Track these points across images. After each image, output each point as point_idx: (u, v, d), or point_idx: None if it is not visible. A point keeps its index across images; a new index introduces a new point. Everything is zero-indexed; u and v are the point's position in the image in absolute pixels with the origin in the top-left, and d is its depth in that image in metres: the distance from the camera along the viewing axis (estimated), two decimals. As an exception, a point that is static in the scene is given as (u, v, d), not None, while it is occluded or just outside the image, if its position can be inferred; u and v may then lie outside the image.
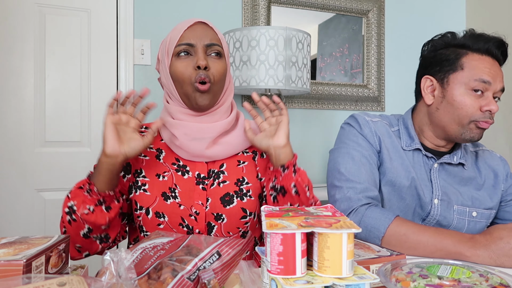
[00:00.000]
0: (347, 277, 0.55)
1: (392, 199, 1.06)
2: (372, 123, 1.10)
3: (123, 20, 1.92)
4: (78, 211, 0.83)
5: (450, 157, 1.08)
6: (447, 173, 1.09)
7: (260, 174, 0.99)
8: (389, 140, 1.09)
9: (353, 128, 1.11)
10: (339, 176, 1.04)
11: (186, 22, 0.92)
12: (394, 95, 2.46)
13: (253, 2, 2.12)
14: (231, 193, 0.93)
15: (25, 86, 1.82)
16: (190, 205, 0.91)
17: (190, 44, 0.89)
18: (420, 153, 1.09)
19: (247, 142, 0.98)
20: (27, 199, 1.82)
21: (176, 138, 0.92)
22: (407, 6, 2.49)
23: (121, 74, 1.93)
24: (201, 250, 0.57)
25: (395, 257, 0.72)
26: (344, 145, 1.09)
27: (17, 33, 1.81)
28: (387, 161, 1.06)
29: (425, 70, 1.09)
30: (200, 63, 0.87)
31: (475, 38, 1.03)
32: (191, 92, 0.90)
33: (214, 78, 0.90)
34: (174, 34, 0.92)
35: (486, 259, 0.83)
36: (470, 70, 1.00)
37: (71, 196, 0.85)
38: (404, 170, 1.06)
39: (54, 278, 0.51)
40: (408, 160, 1.07)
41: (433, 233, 0.90)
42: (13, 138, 1.81)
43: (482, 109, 1.00)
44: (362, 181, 1.02)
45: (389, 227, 0.93)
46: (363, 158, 1.05)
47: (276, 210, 0.68)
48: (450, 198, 1.06)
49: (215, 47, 0.91)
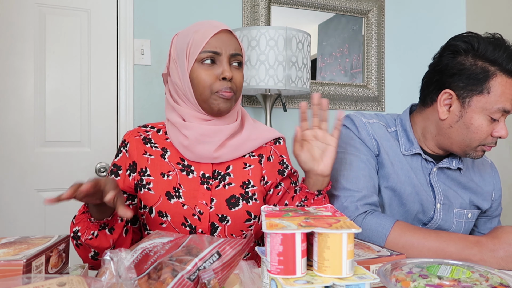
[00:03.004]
0: (347, 277, 0.55)
1: (393, 204, 1.04)
2: (369, 125, 1.06)
3: (123, 20, 1.92)
4: (83, 236, 0.85)
5: (448, 162, 1.06)
6: (445, 176, 1.07)
7: (266, 177, 0.99)
8: (387, 143, 1.05)
9: (349, 131, 1.07)
10: (336, 185, 1.01)
11: (210, 27, 0.91)
12: (394, 95, 2.46)
13: (253, 2, 2.12)
14: (237, 196, 0.93)
15: (25, 86, 1.82)
16: (193, 205, 0.91)
17: (217, 53, 0.90)
18: (419, 157, 1.05)
19: (252, 144, 0.98)
20: (27, 199, 1.82)
21: (185, 139, 0.92)
22: (407, 6, 2.49)
23: (121, 74, 1.93)
24: (201, 250, 0.57)
25: (395, 257, 0.72)
26: (342, 150, 1.05)
27: (17, 33, 1.81)
28: (388, 166, 1.03)
29: (444, 78, 0.98)
30: (226, 74, 0.89)
31: (509, 56, 0.92)
32: (212, 99, 0.91)
33: (236, 87, 0.92)
34: (198, 38, 0.90)
35: (494, 265, 0.81)
36: (495, 96, 0.93)
37: (76, 221, 0.87)
38: (405, 176, 1.02)
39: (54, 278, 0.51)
40: (408, 165, 1.04)
41: (434, 241, 0.87)
42: (13, 138, 1.80)
43: (493, 134, 0.96)
44: (360, 188, 0.98)
45: (387, 239, 0.90)
46: (361, 163, 1.01)
47: (276, 210, 0.68)
48: (451, 201, 1.05)
49: (238, 57, 0.93)
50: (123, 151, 0.97)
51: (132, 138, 0.97)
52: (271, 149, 1.03)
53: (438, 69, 1.01)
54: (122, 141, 0.99)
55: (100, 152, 1.92)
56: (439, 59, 1.02)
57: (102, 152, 1.92)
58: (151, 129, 1.01)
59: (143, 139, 0.97)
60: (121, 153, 0.97)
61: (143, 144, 0.97)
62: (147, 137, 0.98)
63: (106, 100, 1.93)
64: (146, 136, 0.98)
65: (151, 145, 0.97)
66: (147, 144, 0.97)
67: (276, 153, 1.03)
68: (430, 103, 1.03)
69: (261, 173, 0.98)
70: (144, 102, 1.97)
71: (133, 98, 1.94)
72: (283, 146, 1.06)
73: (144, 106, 1.97)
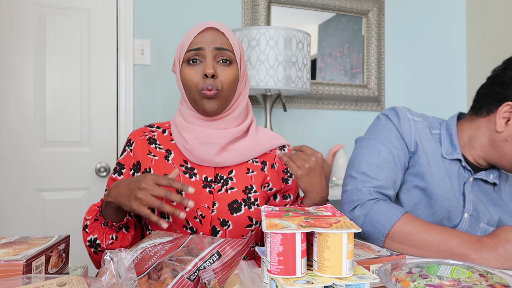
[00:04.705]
0: (347, 277, 0.55)
1: (420, 204, 1.02)
2: (413, 122, 1.03)
3: (123, 20, 1.92)
4: (103, 243, 0.85)
5: (486, 174, 1.03)
6: (480, 189, 1.04)
7: (271, 184, 0.99)
8: (428, 144, 1.03)
9: (390, 122, 1.04)
10: (358, 168, 0.99)
11: (197, 27, 0.91)
12: (394, 95, 2.46)
13: (253, 2, 2.12)
14: (239, 201, 0.92)
15: (25, 86, 1.82)
16: (195, 208, 0.91)
17: (199, 48, 0.89)
18: (457, 164, 1.03)
19: (257, 151, 0.98)
20: (27, 199, 1.82)
21: (186, 142, 0.92)
22: (407, 6, 2.49)
23: (121, 74, 1.93)
24: (201, 250, 0.57)
25: (395, 257, 0.72)
26: (374, 137, 1.03)
27: (17, 33, 1.81)
28: (424, 165, 1.01)
29: (507, 91, 0.96)
30: (207, 71, 0.87)
31: None
32: (198, 99, 0.90)
33: (222, 86, 0.89)
34: (185, 39, 0.91)
35: (493, 262, 0.81)
36: None
37: (89, 231, 0.87)
38: (440, 179, 1.01)
39: (54, 278, 0.51)
40: (444, 168, 1.02)
41: (439, 233, 0.87)
42: (13, 138, 1.81)
43: None
44: (380, 178, 0.97)
45: (395, 224, 0.90)
46: (390, 156, 0.99)
47: (276, 210, 0.68)
48: (479, 215, 1.03)
49: (225, 52, 0.90)
50: (128, 150, 0.98)
51: (138, 138, 0.98)
52: (275, 156, 1.02)
53: (501, 81, 0.99)
54: (127, 140, 0.99)
55: (100, 152, 1.92)
56: (503, 71, 1.00)
57: (102, 152, 1.92)
58: (156, 129, 1.01)
59: (148, 139, 0.98)
60: (125, 152, 0.98)
61: (148, 144, 0.97)
62: (152, 138, 0.98)
63: (106, 100, 1.93)
64: (151, 137, 0.99)
65: (155, 146, 0.97)
66: (152, 144, 0.97)
67: (280, 160, 1.03)
68: (485, 114, 1.01)
69: (264, 179, 0.98)
70: (144, 102, 1.97)
71: (133, 98, 1.94)
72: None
73: (144, 106, 1.97)
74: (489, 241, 0.84)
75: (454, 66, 2.59)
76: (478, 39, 2.54)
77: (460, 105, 2.59)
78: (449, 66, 2.58)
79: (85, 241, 0.87)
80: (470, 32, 2.59)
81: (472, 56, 2.57)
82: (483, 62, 2.50)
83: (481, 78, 1.08)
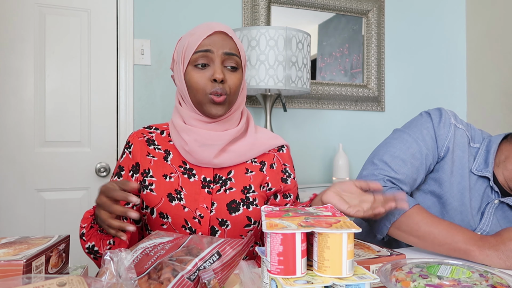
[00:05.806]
0: (347, 277, 0.55)
1: (432, 209, 1.01)
2: (454, 128, 1.00)
3: (123, 20, 1.92)
4: (101, 249, 0.85)
5: None
6: (504, 214, 1.01)
7: (270, 184, 0.99)
8: (461, 154, 1.00)
9: (430, 121, 1.01)
10: (382, 156, 0.98)
11: (205, 29, 0.90)
12: (394, 95, 2.46)
13: (253, 2, 2.12)
14: (237, 201, 0.93)
15: (25, 86, 1.82)
16: (194, 208, 0.91)
17: (208, 50, 0.88)
18: (485, 182, 1.00)
19: (256, 151, 0.98)
20: (27, 199, 1.82)
21: (185, 143, 0.92)
22: (407, 6, 2.49)
23: (121, 74, 1.93)
24: (202, 250, 0.57)
25: (395, 257, 0.72)
26: (409, 131, 1.01)
27: (17, 33, 1.81)
28: (447, 173, 0.99)
29: None
30: (217, 76, 0.87)
31: None
32: (205, 102, 0.90)
33: (230, 90, 0.90)
34: (192, 41, 0.90)
35: (495, 260, 0.81)
36: None
37: (86, 238, 0.86)
38: (458, 191, 0.98)
39: (54, 278, 0.51)
40: (468, 183, 0.99)
41: (446, 227, 0.87)
42: (13, 138, 1.80)
43: None
44: (400, 172, 0.95)
45: (404, 213, 0.89)
46: (418, 154, 0.97)
47: (276, 210, 0.68)
48: None
49: (233, 57, 0.90)
50: (127, 152, 0.98)
51: (136, 140, 0.98)
52: (274, 156, 1.02)
53: None
54: (126, 142, 1.00)
55: (100, 152, 1.92)
56: None
57: (102, 152, 1.92)
58: (155, 130, 1.01)
59: (146, 141, 0.98)
60: (124, 154, 0.98)
61: (147, 145, 0.97)
62: (150, 139, 0.98)
63: (106, 100, 1.93)
64: (149, 138, 0.99)
65: (154, 147, 0.97)
66: (151, 145, 0.97)
67: (279, 160, 1.02)
68: None
69: (263, 179, 0.98)
70: (144, 102, 1.97)
71: (133, 98, 1.94)
72: (286, 154, 1.04)
73: (144, 106, 1.97)
74: (493, 240, 0.84)
75: (454, 66, 2.59)
76: (478, 39, 2.54)
77: (460, 105, 2.59)
78: (449, 66, 2.58)
79: (83, 249, 0.86)
80: (470, 32, 2.59)
81: (472, 56, 2.57)
82: (483, 62, 2.49)
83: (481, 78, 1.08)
